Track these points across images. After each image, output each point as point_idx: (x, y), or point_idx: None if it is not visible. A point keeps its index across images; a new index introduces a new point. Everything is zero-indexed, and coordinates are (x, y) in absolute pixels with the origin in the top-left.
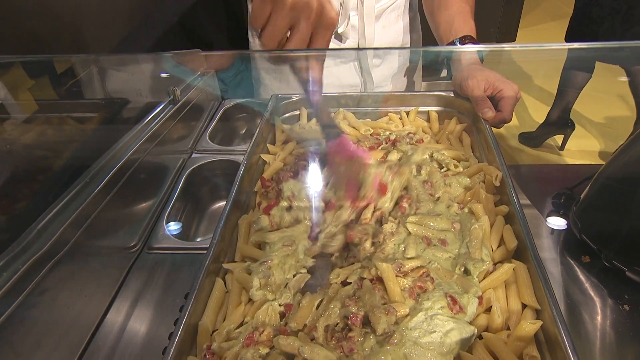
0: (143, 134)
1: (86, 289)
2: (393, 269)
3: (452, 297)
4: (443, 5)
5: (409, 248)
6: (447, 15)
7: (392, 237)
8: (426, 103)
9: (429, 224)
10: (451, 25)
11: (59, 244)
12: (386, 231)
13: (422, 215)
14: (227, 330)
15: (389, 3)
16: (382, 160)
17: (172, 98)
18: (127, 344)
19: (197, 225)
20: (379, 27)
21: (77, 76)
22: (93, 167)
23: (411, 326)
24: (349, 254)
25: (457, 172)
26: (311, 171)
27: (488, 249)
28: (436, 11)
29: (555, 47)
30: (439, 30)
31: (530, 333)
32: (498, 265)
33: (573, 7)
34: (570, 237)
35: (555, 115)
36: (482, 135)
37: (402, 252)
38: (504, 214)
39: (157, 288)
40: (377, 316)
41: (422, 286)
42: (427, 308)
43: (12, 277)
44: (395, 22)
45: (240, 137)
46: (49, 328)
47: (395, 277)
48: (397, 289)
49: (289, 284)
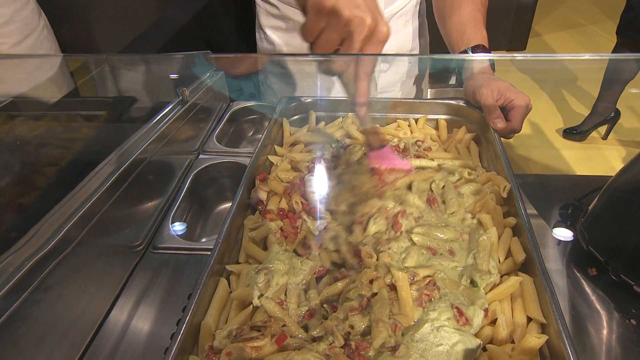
0: (151, 133)
1: (90, 287)
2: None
3: (458, 308)
4: (455, 13)
5: (409, 257)
6: (459, 23)
7: (389, 243)
8: (435, 111)
9: (436, 234)
10: (463, 34)
11: (65, 242)
12: (384, 238)
13: (428, 225)
14: (229, 330)
15: (398, 8)
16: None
17: (181, 99)
18: (130, 342)
19: (202, 225)
20: None
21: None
22: (101, 166)
23: (417, 338)
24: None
25: (471, 179)
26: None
27: (495, 261)
28: (448, 19)
29: (568, 57)
30: (451, 39)
31: (535, 347)
32: (505, 277)
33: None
34: (577, 249)
35: (602, 106)
36: (490, 144)
37: (402, 260)
38: (511, 226)
39: (161, 288)
40: (379, 329)
41: (429, 294)
42: (433, 319)
43: (17, 273)
44: (403, 28)
45: (248, 139)
46: (52, 325)
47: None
48: (410, 300)
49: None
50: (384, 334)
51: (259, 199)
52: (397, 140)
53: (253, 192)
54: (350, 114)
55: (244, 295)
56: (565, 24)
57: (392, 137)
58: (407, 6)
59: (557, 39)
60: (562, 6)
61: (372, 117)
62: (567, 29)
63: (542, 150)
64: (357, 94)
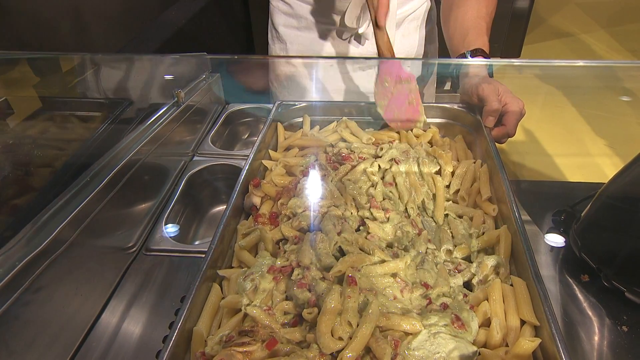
0: (146, 135)
1: (82, 288)
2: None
3: (456, 314)
4: (459, 19)
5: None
6: (462, 28)
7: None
8: (430, 114)
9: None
10: (464, 38)
11: (57, 242)
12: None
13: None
14: (220, 336)
15: (410, 10)
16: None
17: (176, 100)
18: (121, 345)
19: (195, 228)
20: (398, 35)
21: (82, 75)
22: (94, 166)
23: (414, 346)
24: None
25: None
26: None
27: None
28: (452, 24)
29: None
30: (452, 42)
31: (528, 351)
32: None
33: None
34: (570, 255)
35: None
36: (484, 149)
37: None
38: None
39: (154, 290)
40: (382, 347)
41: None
42: (430, 324)
43: (8, 273)
44: (414, 32)
45: (243, 141)
46: (42, 327)
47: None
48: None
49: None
50: (389, 351)
51: (252, 204)
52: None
53: (246, 197)
54: (344, 118)
55: (233, 303)
56: (558, 33)
57: (383, 141)
58: (418, 10)
59: (550, 47)
60: (556, 15)
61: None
62: (560, 37)
63: (535, 156)
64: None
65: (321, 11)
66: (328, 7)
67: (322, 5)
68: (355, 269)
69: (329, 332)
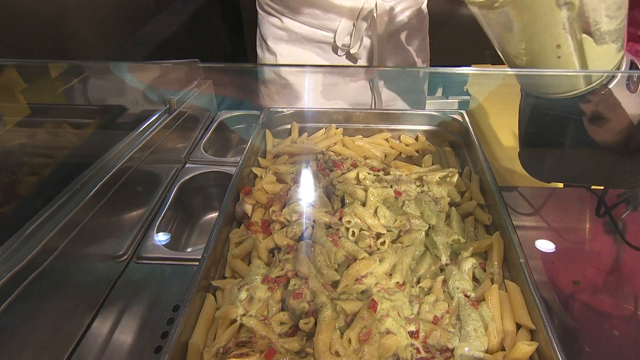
0: (137, 142)
1: (72, 298)
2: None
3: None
4: None
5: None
6: None
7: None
8: (418, 122)
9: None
10: None
11: (46, 252)
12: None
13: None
14: (217, 348)
15: (401, 23)
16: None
17: (168, 107)
18: (111, 356)
19: (187, 235)
20: (390, 48)
21: (72, 82)
22: (85, 174)
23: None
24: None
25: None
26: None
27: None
28: None
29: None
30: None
31: (526, 355)
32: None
33: None
34: (561, 260)
35: None
36: (473, 155)
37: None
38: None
39: (145, 299)
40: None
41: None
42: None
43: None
44: (406, 44)
45: (235, 148)
46: (30, 338)
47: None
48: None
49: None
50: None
51: (244, 212)
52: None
53: (238, 205)
54: (333, 125)
55: (228, 314)
56: None
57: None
58: (410, 22)
59: None
60: None
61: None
62: None
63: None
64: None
65: (312, 28)
66: (319, 25)
67: (313, 23)
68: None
69: (327, 350)
